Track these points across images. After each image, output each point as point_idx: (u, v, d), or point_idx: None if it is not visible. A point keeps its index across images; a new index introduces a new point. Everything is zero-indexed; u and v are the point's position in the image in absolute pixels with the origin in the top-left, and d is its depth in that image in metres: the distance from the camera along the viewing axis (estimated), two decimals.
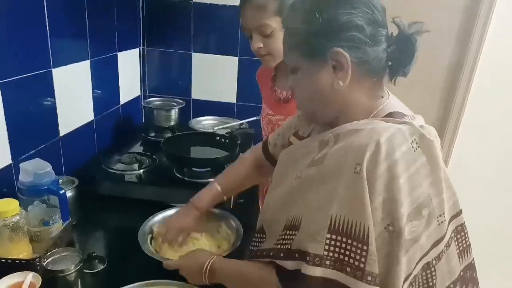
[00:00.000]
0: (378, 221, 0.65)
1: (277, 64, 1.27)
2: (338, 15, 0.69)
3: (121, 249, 1.13)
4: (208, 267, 0.87)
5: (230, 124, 2.01)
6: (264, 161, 1.10)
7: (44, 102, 1.28)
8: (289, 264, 0.70)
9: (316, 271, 0.65)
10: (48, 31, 1.23)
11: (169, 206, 1.26)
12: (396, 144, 0.66)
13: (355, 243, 0.64)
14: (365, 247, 0.63)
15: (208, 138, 1.68)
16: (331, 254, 0.65)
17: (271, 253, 0.74)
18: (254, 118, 1.99)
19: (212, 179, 1.44)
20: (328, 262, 0.65)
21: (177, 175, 1.47)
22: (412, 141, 0.67)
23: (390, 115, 0.74)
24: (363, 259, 0.63)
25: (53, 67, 1.28)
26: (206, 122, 2.08)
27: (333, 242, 0.65)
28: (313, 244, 0.66)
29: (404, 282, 0.67)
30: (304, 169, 0.75)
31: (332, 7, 0.70)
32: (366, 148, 0.65)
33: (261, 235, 0.86)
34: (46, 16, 1.22)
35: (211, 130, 1.89)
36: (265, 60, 1.25)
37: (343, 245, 0.64)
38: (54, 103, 1.32)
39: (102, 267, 1.05)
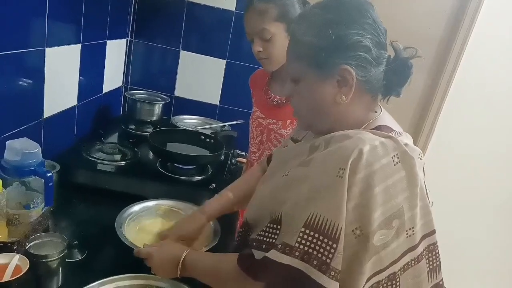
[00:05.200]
0: (347, 224, 0.69)
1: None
2: (349, 34, 0.73)
3: (98, 240, 1.10)
4: (183, 260, 0.87)
5: (213, 125, 2.01)
6: None
7: (33, 81, 1.23)
8: (259, 252, 0.73)
9: (284, 259, 0.69)
10: (47, 10, 1.20)
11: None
12: (377, 156, 0.70)
13: (325, 240, 0.68)
14: (334, 245, 0.68)
15: (193, 137, 1.66)
16: (301, 246, 0.68)
17: (254, 244, 0.76)
18: (237, 121, 2.00)
19: (195, 178, 1.45)
20: (297, 253, 0.68)
21: (160, 169, 1.45)
22: (394, 156, 0.72)
23: (378, 128, 0.79)
24: (330, 255, 0.67)
25: (47, 46, 1.24)
26: (188, 121, 2.06)
27: (305, 236, 0.69)
28: (288, 235, 0.71)
29: (366, 282, 0.71)
30: (292, 169, 0.79)
31: (344, 26, 0.74)
32: (350, 154, 0.69)
33: (245, 229, 0.88)
34: None
35: (194, 129, 1.88)
36: (264, 63, 1.30)
37: (314, 240, 0.68)
38: (43, 83, 1.27)
39: (81, 257, 1.02)
